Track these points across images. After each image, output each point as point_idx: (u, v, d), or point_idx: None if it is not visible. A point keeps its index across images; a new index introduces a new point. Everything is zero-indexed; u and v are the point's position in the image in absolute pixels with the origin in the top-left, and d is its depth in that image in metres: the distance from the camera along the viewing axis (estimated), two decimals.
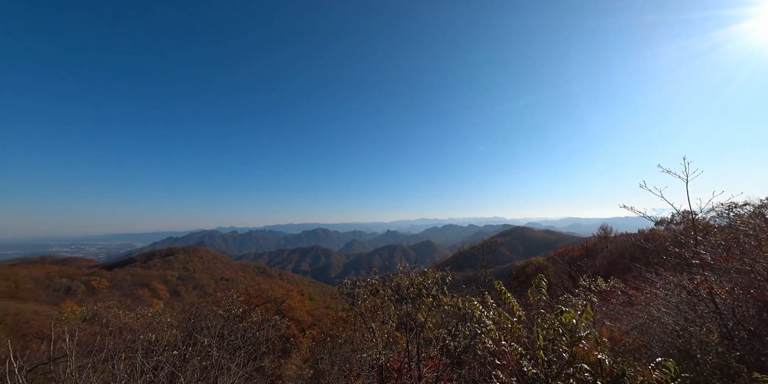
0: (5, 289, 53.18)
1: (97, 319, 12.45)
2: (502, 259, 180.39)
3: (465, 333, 5.86)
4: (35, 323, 31.33)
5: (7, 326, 31.15)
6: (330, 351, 9.94)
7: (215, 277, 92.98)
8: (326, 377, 10.04)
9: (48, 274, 65.27)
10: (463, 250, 28.13)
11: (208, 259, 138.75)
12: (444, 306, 6.13)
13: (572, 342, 4.13)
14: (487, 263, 24.61)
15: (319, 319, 29.56)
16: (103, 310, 12.99)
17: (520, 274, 39.41)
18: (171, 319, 10.93)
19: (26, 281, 58.00)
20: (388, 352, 6.52)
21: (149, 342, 8.12)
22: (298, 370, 13.57)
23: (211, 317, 9.94)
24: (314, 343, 19.42)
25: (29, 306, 40.72)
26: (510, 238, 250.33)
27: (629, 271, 22.10)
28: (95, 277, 68.04)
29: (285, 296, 29.45)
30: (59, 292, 59.67)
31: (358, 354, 7.49)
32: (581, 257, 32.44)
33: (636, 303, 8.93)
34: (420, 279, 6.28)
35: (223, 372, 7.55)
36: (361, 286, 6.64)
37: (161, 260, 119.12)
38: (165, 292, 71.37)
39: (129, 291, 65.27)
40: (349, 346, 9.36)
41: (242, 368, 8.12)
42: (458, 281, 20.60)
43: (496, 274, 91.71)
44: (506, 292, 5.20)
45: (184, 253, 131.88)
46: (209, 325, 8.60)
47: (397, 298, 6.53)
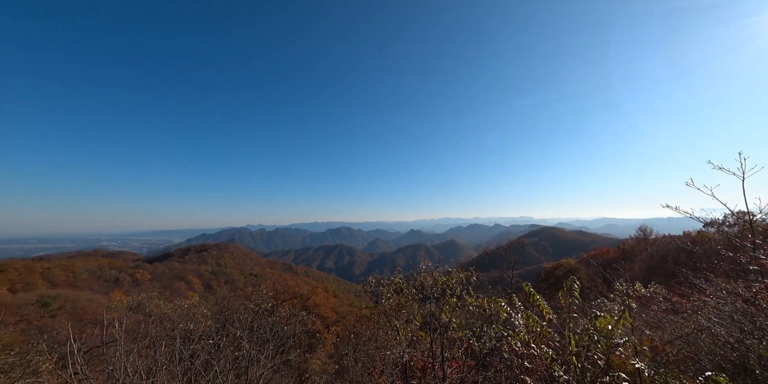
0: (65, 278, 58.98)
1: (141, 309, 13.49)
2: (530, 260, 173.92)
3: (491, 335, 5.73)
4: (90, 310, 34.45)
5: (67, 311, 34.56)
6: (354, 347, 10.09)
7: (245, 272, 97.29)
8: (350, 373, 10.20)
9: (100, 265, 71.51)
10: (489, 250, 27.44)
11: (238, 255, 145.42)
12: (469, 307, 6.03)
13: (608, 349, 3.91)
14: (513, 264, 23.86)
15: (343, 316, 30.05)
16: (146, 301, 14.07)
17: (550, 276, 37.81)
18: (206, 310, 11.60)
19: (82, 272, 63.93)
20: (412, 351, 6.51)
21: (187, 331, 8.67)
22: (323, 365, 13.91)
23: (242, 310, 10.42)
24: (338, 340, 19.80)
25: (85, 294, 44.80)
26: (538, 238, 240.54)
27: (672, 276, 20.45)
28: (139, 270, 73.57)
29: (311, 293, 30.25)
30: (109, 282, 65.16)
31: (381, 351, 7.55)
32: (617, 260, 30.51)
33: (681, 311, 8.23)
34: (444, 279, 6.21)
35: (253, 363, 7.90)
36: (385, 285, 6.67)
37: (196, 255, 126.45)
38: (199, 285, 75.74)
39: (168, 283, 69.96)
40: (372, 344, 9.46)
41: (270, 360, 8.45)
42: (483, 282, 20.11)
43: (523, 275, 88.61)
44: (535, 295, 5.02)
45: (216, 249, 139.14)
46: (240, 318, 9.03)
47: (420, 298, 6.50)
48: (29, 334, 20.60)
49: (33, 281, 53.11)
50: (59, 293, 41.35)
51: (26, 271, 55.26)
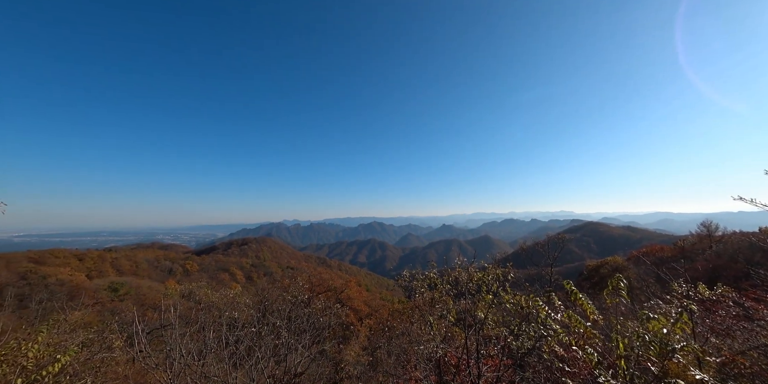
0: (129, 267, 66.26)
1: (191, 297, 14.76)
2: (571, 257, 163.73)
3: (530, 334, 5.49)
4: (149, 296, 38.42)
5: (132, 296, 38.87)
6: (388, 341, 10.23)
7: (282, 265, 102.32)
8: (383, 365, 10.38)
9: (156, 257, 79.27)
10: (526, 246, 26.22)
11: (276, 249, 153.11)
12: (505, 304, 5.81)
13: (663, 354, 3.57)
14: (553, 261, 22.65)
15: (376, 309, 30.55)
16: (196, 290, 15.36)
17: (593, 275, 35.38)
18: (248, 300, 12.38)
19: (142, 262, 71.31)
20: (446, 347, 6.44)
21: (232, 319, 9.32)
22: (356, 357, 14.29)
23: (280, 301, 10.98)
24: (371, 333, 20.19)
25: (145, 282, 50.04)
26: (580, 234, 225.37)
27: (744, 277, 18.14)
28: (189, 262, 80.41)
29: (344, 286, 31.08)
30: (164, 272, 72.03)
31: (415, 346, 7.57)
32: (674, 258, 27.70)
33: (756, 317, 7.21)
34: (480, 274, 6.03)
35: (291, 351, 8.31)
36: (419, 279, 6.62)
37: (238, 249, 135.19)
38: (241, 276, 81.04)
39: (213, 274, 75.70)
40: (405, 338, 9.52)
41: (307, 349, 8.84)
42: (520, 279, 19.31)
43: (563, 273, 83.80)
44: (577, 293, 4.72)
45: (255, 243, 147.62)
46: (279, 308, 9.51)
47: (455, 293, 6.38)
48: (104, 315, 23.51)
49: (105, 269, 60.32)
50: (125, 280, 46.59)
51: (99, 260, 62.90)
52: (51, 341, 6.40)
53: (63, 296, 34.75)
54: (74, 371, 6.36)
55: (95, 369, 7.25)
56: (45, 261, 51.02)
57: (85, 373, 6.62)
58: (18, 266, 42.34)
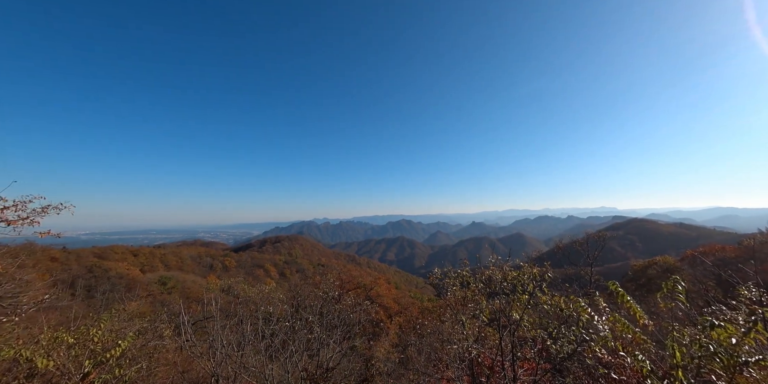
0: (175, 262, 71.78)
1: (230, 291, 15.65)
2: (613, 256, 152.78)
3: (570, 337, 5.16)
4: (193, 290, 41.38)
5: (178, 290, 42.08)
6: (419, 339, 10.17)
7: (313, 262, 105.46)
8: (414, 363, 10.32)
9: (198, 253, 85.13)
10: (562, 244, 24.79)
11: (307, 246, 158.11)
12: (543, 305, 5.50)
13: (731, 367, 3.18)
14: (593, 260, 21.24)
15: (405, 307, 30.53)
16: (234, 285, 16.26)
17: (640, 276, 32.70)
18: (282, 295, 12.88)
19: (186, 258, 76.91)
20: (479, 347, 6.25)
21: (267, 313, 9.73)
22: (386, 354, 14.37)
23: (312, 297, 11.30)
24: (401, 330, 20.20)
25: (189, 277, 53.95)
26: (623, 231, 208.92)
27: None
28: (227, 258, 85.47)
29: (373, 283, 31.39)
30: (205, 267, 77.18)
31: (446, 345, 7.42)
32: (740, 259, 24.84)
33: None
34: (515, 273, 5.76)
35: (323, 346, 8.52)
36: (451, 278, 6.46)
37: (271, 246, 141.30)
38: (275, 273, 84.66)
39: (250, 270, 79.78)
40: (437, 337, 9.39)
41: (339, 345, 9.01)
42: (557, 279, 18.31)
43: (605, 273, 78.35)
44: (625, 295, 4.35)
45: (288, 241, 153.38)
46: (311, 304, 9.78)
47: (488, 293, 6.14)
48: (155, 306, 25.76)
49: (155, 264, 65.85)
50: (172, 275, 50.55)
51: (150, 255, 68.79)
52: (113, 328, 7.07)
53: (122, 288, 38.49)
54: (132, 356, 6.99)
55: (149, 354, 7.92)
56: (107, 256, 56.73)
57: (141, 358, 7.25)
58: (85, 261, 47.44)
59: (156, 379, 7.88)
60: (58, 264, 41.98)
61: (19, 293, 7.05)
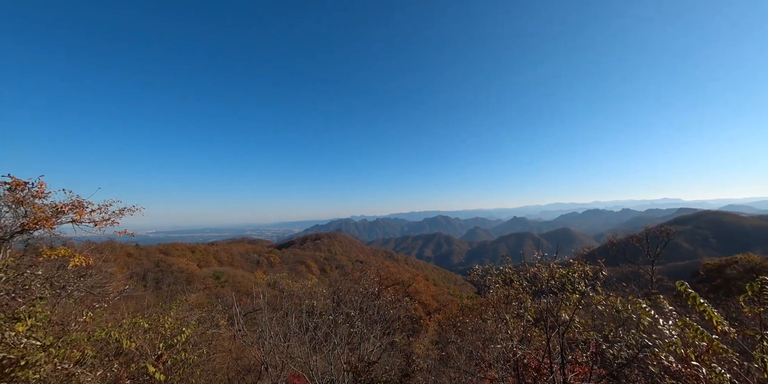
0: (227, 258, 78.06)
1: (276, 285, 16.60)
2: (679, 253, 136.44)
3: (629, 341, 4.70)
4: (243, 284, 44.69)
5: (230, 284, 45.73)
6: (460, 337, 9.98)
7: (351, 259, 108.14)
8: (454, 361, 10.15)
9: (246, 250, 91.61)
10: (616, 240, 22.66)
11: (345, 243, 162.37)
12: (596, 305, 5.07)
13: None
14: (654, 258, 19.20)
15: (444, 304, 30.14)
16: (279, 279, 17.22)
17: (715, 276, 28.87)
18: (324, 290, 13.39)
19: (236, 254, 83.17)
20: (525, 348, 5.94)
21: (310, 307, 10.16)
22: (426, 350, 14.30)
23: (352, 293, 11.57)
24: (440, 328, 19.99)
25: (239, 272, 58.35)
26: (692, 226, 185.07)
27: None
28: (272, 255, 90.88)
29: (411, 280, 31.39)
30: (253, 263, 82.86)
31: (489, 344, 7.18)
32: None
33: None
34: (563, 271, 5.36)
35: (364, 340, 8.70)
36: (492, 275, 6.19)
37: (312, 243, 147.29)
38: (316, 269, 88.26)
39: (292, 266, 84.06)
40: (478, 335, 9.13)
41: (379, 340, 9.15)
42: (611, 278, 16.83)
43: (669, 272, 70.30)
44: (697, 297, 3.85)
45: (327, 238, 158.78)
46: (352, 300, 10.03)
47: (533, 291, 5.79)
48: (210, 298, 28.31)
49: (209, 260, 72.12)
50: (224, 270, 55.03)
51: (205, 252, 75.48)
52: (178, 316, 7.88)
53: (183, 281, 42.83)
54: (194, 341, 7.73)
55: (208, 341, 8.71)
56: (170, 252, 63.34)
57: (201, 344, 8.01)
58: (153, 256, 53.41)
59: (214, 363, 8.65)
60: (132, 259, 47.69)
61: (105, 283, 8.12)
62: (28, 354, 3.18)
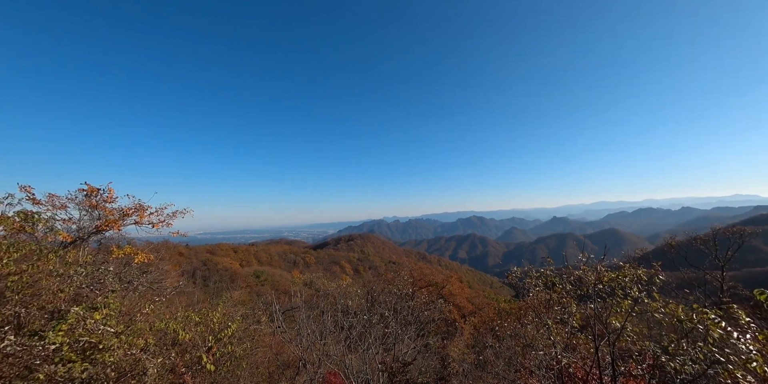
0: (266, 258, 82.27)
1: (312, 285, 17.17)
2: (757, 258, 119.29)
3: (695, 355, 4.21)
4: (281, 283, 46.80)
5: (269, 282, 48.14)
6: (497, 341, 9.60)
7: (384, 260, 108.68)
8: (492, 367, 9.77)
9: (284, 250, 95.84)
10: (675, 241, 20.41)
11: (378, 244, 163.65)
12: (652, 313, 4.61)
13: None
14: (725, 262, 17.06)
15: (480, 307, 29.17)
16: (315, 279, 17.80)
17: None
18: (359, 290, 13.62)
19: (274, 255, 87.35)
20: (570, 356, 5.57)
21: (345, 306, 10.38)
22: (461, 354, 13.93)
23: (386, 293, 11.63)
24: (476, 331, 19.36)
25: (277, 271, 61.24)
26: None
27: None
28: (308, 255, 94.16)
29: (445, 282, 30.79)
30: (290, 263, 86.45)
31: (530, 350, 6.81)
32: None
33: None
34: (612, 274, 4.92)
35: (398, 341, 8.69)
36: (532, 277, 5.85)
37: (346, 244, 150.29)
38: (350, 269, 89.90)
39: (327, 267, 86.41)
40: (517, 341, 8.72)
41: (413, 341, 9.09)
42: (669, 283, 15.19)
43: (744, 279, 61.87)
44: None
45: (360, 239, 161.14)
46: (386, 300, 10.09)
47: (578, 295, 5.38)
48: (252, 296, 30.03)
49: (250, 260, 76.51)
50: (264, 269, 58.12)
51: (246, 252, 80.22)
52: (225, 312, 8.46)
53: (227, 279, 45.90)
54: (239, 336, 8.25)
55: (251, 336, 9.24)
56: (215, 252, 68.20)
57: (245, 339, 8.52)
58: (201, 256, 57.89)
59: (256, 357, 9.15)
60: (183, 258, 52.00)
61: (162, 279, 8.97)
62: (104, 339, 3.65)
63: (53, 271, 4.15)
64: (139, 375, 4.06)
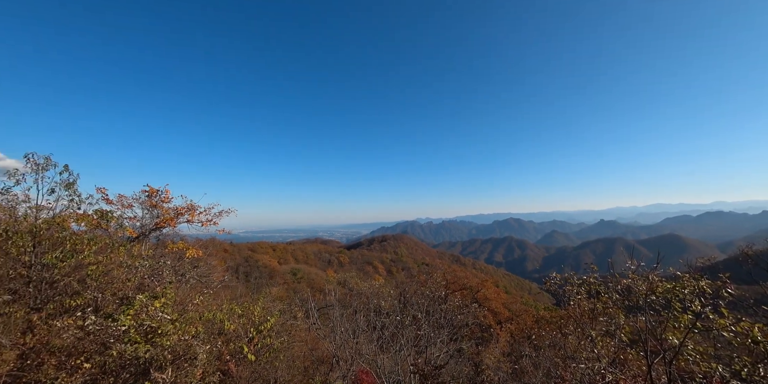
0: (302, 257, 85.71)
1: (345, 284, 17.56)
2: None
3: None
4: (316, 281, 48.49)
5: (305, 280, 50.13)
6: (536, 351, 9.11)
7: (417, 261, 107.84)
8: (529, 377, 9.28)
9: (319, 250, 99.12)
10: (751, 251, 17.78)
11: (411, 245, 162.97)
12: (720, 331, 4.09)
13: None
14: None
15: (517, 314, 27.82)
16: (348, 278, 18.20)
17: None
18: (392, 291, 13.70)
19: (310, 253, 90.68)
20: (617, 372, 5.13)
21: (378, 306, 10.49)
22: (496, 362, 13.39)
23: (418, 295, 11.58)
24: (512, 339, 18.50)
25: (313, 270, 63.56)
26: None
27: None
28: (341, 255, 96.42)
29: (480, 286, 29.82)
30: (324, 262, 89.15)
31: (571, 363, 6.36)
32: None
33: None
34: (667, 285, 4.45)
35: (430, 344, 8.60)
36: (574, 284, 5.46)
37: (379, 245, 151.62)
38: (383, 270, 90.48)
39: (360, 266, 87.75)
40: (557, 351, 8.20)
41: (446, 345, 8.93)
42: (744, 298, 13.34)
43: None
44: None
45: (393, 240, 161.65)
46: (418, 302, 10.04)
47: (627, 306, 4.92)
48: (288, 292, 31.44)
49: (287, 258, 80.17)
50: (300, 267, 60.60)
51: (284, 251, 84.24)
52: (264, 306, 8.98)
53: (266, 275, 48.53)
54: (277, 329, 8.70)
55: (288, 330, 9.70)
56: (256, 250, 72.50)
57: (283, 333, 8.97)
58: (243, 253, 61.89)
59: (293, 351, 9.57)
60: (228, 254, 55.92)
61: (209, 274, 9.76)
62: (162, 325, 4.12)
63: (122, 263, 4.76)
64: (191, 359, 4.51)
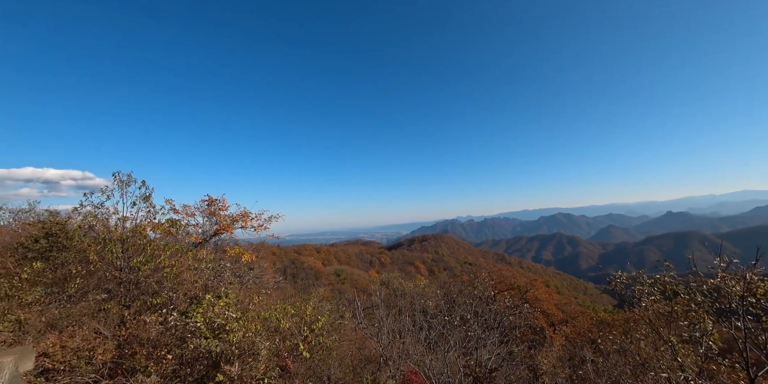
0: (345, 258, 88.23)
1: (388, 284, 17.71)
2: None
3: None
4: (359, 282, 49.58)
5: (348, 281, 51.55)
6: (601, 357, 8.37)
7: (459, 261, 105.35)
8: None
9: (360, 251, 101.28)
10: None
11: (452, 244, 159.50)
12: None
13: None
14: None
15: (573, 316, 25.78)
16: (391, 279, 18.33)
17: None
18: (438, 291, 13.56)
19: (352, 255, 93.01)
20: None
21: (424, 306, 10.42)
22: (552, 367, 12.55)
23: (464, 295, 11.28)
24: (569, 343, 17.19)
25: (355, 270, 65.14)
26: None
27: None
28: (383, 255, 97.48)
29: (529, 286, 28.20)
30: (366, 263, 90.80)
31: (644, 372, 5.71)
32: None
33: None
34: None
35: (480, 346, 8.31)
36: (645, 284, 4.90)
37: (419, 245, 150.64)
38: (424, 270, 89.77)
39: (402, 267, 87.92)
40: (626, 358, 7.43)
41: (497, 348, 8.57)
42: None
43: None
44: None
45: (433, 240, 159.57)
46: (466, 302, 9.79)
47: (715, 310, 4.25)
48: (334, 293, 32.56)
49: (331, 259, 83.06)
50: (343, 268, 62.41)
51: (328, 252, 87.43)
52: (314, 306, 9.39)
53: (312, 277, 50.75)
54: (327, 328, 9.04)
55: (337, 330, 10.02)
56: (301, 252, 76.22)
57: (333, 331, 9.29)
58: (289, 255, 65.41)
59: (342, 349, 9.87)
60: (276, 257, 59.43)
61: (262, 275, 10.45)
62: (229, 322, 4.54)
63: (191, 266, 5.32)
64: (254, 354, 4.90)
